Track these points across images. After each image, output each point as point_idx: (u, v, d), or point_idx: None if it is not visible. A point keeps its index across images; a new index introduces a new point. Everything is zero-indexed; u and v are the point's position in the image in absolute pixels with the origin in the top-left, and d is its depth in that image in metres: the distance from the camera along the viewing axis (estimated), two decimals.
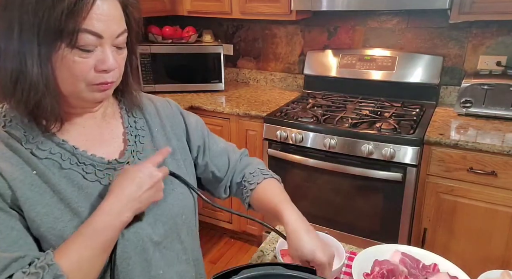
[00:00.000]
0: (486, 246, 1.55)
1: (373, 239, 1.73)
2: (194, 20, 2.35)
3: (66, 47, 0.55)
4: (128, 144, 0.70)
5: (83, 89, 0.59)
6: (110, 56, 0.58)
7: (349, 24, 2.15)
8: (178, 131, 0.79)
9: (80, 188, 0.62)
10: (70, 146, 0.63)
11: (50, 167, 0.60)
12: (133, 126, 0.73)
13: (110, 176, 0.65)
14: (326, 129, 1.69)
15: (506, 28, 1.79)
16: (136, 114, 0.74)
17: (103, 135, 0.68)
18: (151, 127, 0.75)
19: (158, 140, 0.75)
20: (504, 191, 1.46)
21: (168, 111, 0.79)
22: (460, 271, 0.75)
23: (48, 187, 0.59)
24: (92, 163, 0.64)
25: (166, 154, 0.69)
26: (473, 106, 1.71)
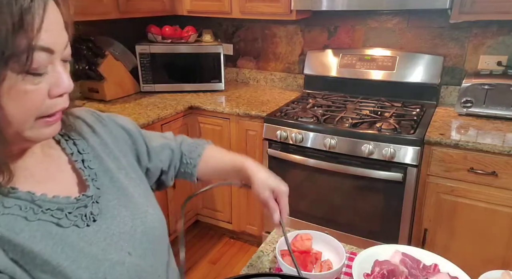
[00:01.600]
0: (486, 246, 1.54)
1: (373, 239, 1.73)
2: (194, 20, 2.34)
3: (16, 74, 0.42)
4: (84, 172, 0.59)
5: (29, 127, 0.46)
6: (64, 74, 0.47)
7: (349, 24, 2.15)
8: (122, 147, 0.68)
9: (59, 241, 0.50)
10: (24, 192, 0.49)
11: (14, 224, 0.47)
12: (74, 151, 0.60)
13: (84, 215, 0.55)
14: (326, 129, 1.69)
15: (506, 28, 1.79)
16: (72, 136, 0.61)
17: (50, 172, 0.55)
18: (95, 147, 0.63)
19: (106, 160, 0.63)
20: (504, 191, 1.46)
21: (101, 126, 0.67)
22: (461, 271, 0.75)
23: (23, 251, 0.46)
24: (59, 206, 0.52)
25: None
26: (474, 106, 1.70)
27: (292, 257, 0.68)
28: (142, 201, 0.65)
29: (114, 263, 0.55)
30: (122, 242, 0.58)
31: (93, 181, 0.59)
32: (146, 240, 0.61)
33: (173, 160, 0.81)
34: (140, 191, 0.66)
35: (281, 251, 0.83)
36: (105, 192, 0.60)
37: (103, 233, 0.56)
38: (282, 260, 0.79)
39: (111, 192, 0.61)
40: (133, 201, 0.63)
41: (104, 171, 0.62)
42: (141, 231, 0.61)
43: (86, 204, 0.56)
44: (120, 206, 0.61)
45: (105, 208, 0.58)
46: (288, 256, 0.82)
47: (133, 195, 0.64)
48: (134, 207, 0.62)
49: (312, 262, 0.82)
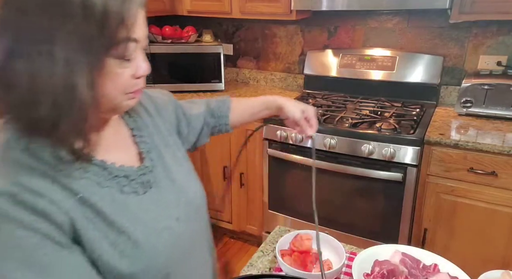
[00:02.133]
0: (486, 246, 1.55)
1: (373, 239, 1.73)
2: (194, 20, 2.34)
3: (113, 60, 0.52)
4: (139, 145, 0.68)
5: (121, 100, 0.57)
6: (144, 60, 0.57)
7: (349, 24, 2.15)
8: (169, 127, 0.77)
9: (122, 205, 0.58)
10: (98, 161, 0.58)
11: (89, 187, 0.55)
12: (135, 127, 0.69)
13: (143, 184, 0.63)
14: (326, 129, 1.69)
15: (506, 27, 1.79)
16: (132, 114, 0.71)
17: (118, 143, 0.65)
18: (148, 126, 0.72)
19: (157, 138, 0.72)
20: (504, 191, 1.46)
21: (153, 107, 0.76)
22: (461, 271, 0.75)
23: (94, 210, 0.55)
24: (125, 174, 0.61)
25: None
26: (474, 106, 1.70)
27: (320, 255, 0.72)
28: (185, 177, 0.73)
29: (163, 228, 0.62)
30: (171, 209, 0.65)
31: (148, 154, 0.67)
32: (189, 209, 0.69)
33: (206, 120, 0.91)
34: (184, 168, 0.74)
35: (281, 251, 0.83)
36: (156, 165, 0.68)
37: (155, 200, 0.64)
38: (282, 260, 0.79)
39: (160, 165, 0.68)
40: (178, 176, 0.70)
41: (155, 147, 0.70)
42: (185, 201, 0.69)
43: (145, 172, 0.64)
44: (167, 179, 0.68)
45: (157, 179, 0.66)
46: (288, 256, 0.83)
47: (177, 170, 0.71)
48: (178, 180, 0.70)
49: (312, 262, 0.82)
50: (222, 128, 0.95)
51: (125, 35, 0.52)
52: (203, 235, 0.74)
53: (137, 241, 0.57)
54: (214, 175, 2.16)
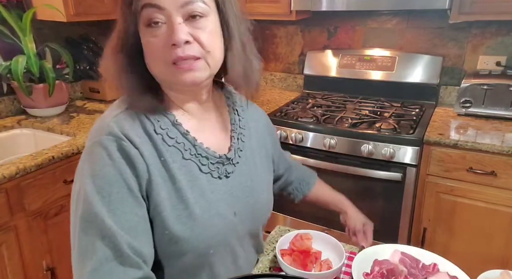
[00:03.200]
0: (485, 246, 1.55)
1: (373, 239, 1.73)
2: None
3: (143, 28, 0.58)
4: (233, 140, 0.73)
5: (166, 71, 0.60)
6: (177, 28, 0.56)
7: (349, 24, 2.16)
8: (268, 143, 0.84)
9: (194, 179, 0.65)
10: (192, 137, 0.66)
11: (174, 155, 0.63)
12: (237, 124, 0.75)
13: (219, 170, 0.69)
14: (326, 129, 1.70)
15: (505, 28, 1.80)
16: (239, 113, 0.77)
17: (215, 128, 0.72)
18: (251, 128, 0.79)
19: (254, 142, 0.78)
20: (504, 191, 1.46)
21: (265, 124, 0.85)
22: (460, 271, 0.75)
23: (171, 175, 0.62)
24: (207, 155, 0.67)
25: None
26: (473, 106, 1.71)
27: None
28: (264, 184, 0.79)
29: (219, 214, 0.67)
30: (236, 202, 0.70)
31: (238, 150, 0.73)
32: (252, 211, 0.74)
33: (285, 178, 1.01)
34: (265, 177, 0.80)
35: (281, 251, 0.84)
36: (243, 162, 0.73)
37: (226, 188, 0.69)
38: (282, 260, 0.79)
39: (247, 164, 0.74)
40: (257, 180, 0.76)
41: (250, 148, 0.76)
42: (253, 203, 0.73)
43: (223, 162, 0.69)
44: (248, 177, 0.73)
45: (238, 173, 0.72)
46: (288, 255, 0.83)
47: (260, 175, 0.77)
48: (257, 184, 0.75)
49: (312, 262, 0.82)
50: (292, 196, 1.05)
51: (145, 1, 0.56)
52: (254, 237, 0.79)
53: (192, 213, 0.63)
54: None
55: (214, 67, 0.63)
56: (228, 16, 0.63)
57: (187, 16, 0.58)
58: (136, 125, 0.62)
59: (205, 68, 0.61)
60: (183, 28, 0.57)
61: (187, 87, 0.63)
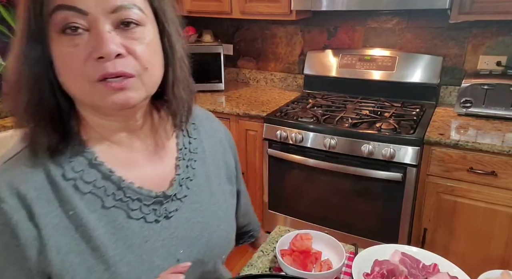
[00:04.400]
0: (486, 246, 1.55)
1: (373, 239, 1.73)
2: (194, 20, 2.34)
3: (56, 34, 0.45)
4: (178, 170, 0.60)
5: (89, 90, 0.47)
6: (106, 37, 0.45)
7: (349, 24, 2.15)
8: (228, 159, 0.71)
9: (120, 230, 0.52)
10: (117, 177, 0.53)
11: (91, 204, 0.51)
12: (187, 148, 0.63)
13: (156, 212, 0.56)
14: (326, 129, 1.69)
15: (506, 28, 1.79)
16: (191, 134, 0.65)
17: (152, 160, 0.58)
18: (205, 150, 0.66)
19: (210, 166, 0.66)
20: (504, 191, 1.46)
21: (222, 134, 0.72)
22: (460, 271, 0.75)
23: (84, 230, 0.50)
24: (139, 197, 0.54)
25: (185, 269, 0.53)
26: (473, 106, 1.71)
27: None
28: (221, 215, 0.65)
29: (155, 267, 0.54)
30: (180, 246, 0.58)
31: (187, 180, 0.61)
32: (204, 252, 0.62)
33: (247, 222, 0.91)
34: (224, 205, 0.67)
35: (281, 251, 0.83)
36: (194, 193, 0.62)
37: (167, 232, 0.57)
38: (282, 260, 0.79)
39: (199, 195, 0.62)
40: (214, 211, 0.64)
41: (204, 174, 0.64)
42: (205, 241, 0.62)
43: (162, 201, 0.57)
44: (199, 212, 0.62)
45: (185, 209, 0.60)
46: (288, 256, 0.83)
47: (216, 205, 0.65)
48: (212, 217, 0.63)
49: (312, 262, 0.82)
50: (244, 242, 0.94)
51: (53, 3, 0.44)
52: (209, 275, 0.66)
53: (116, 273, 0.50)
54: None
55: (152, 87, 0.52)
56: (169, 28, 0.53)
57: (118, 24, 0.46)
58: (35, 173, 0.48)
59: (140, 88, 0.49)
60: (114, 37, 0.45)
61: (118, 111, 0.50)
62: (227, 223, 0.67)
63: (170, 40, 0.53)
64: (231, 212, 0.70)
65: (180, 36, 0.56)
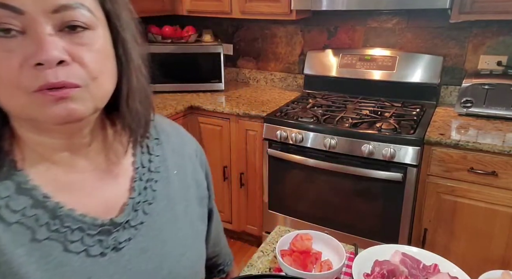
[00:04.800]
0: (486, 246, 1.54)
1: (373, 239, 1.73)
2: (193, 19, 2.34)
3: None
4: (133, 193, 0.52)
5: (24, 102, 0.39)
6: (47, 40, 0.38)
7: (349, 24, 2.15)
8: (199, 177, 0.62)
9: (55, 266, 0.43)
10: (54, 203, 0.44)
11: (19, 237, 0.42)
12: (146, 167, 0.55)
13: (103, 243, 0.47)
14: (326, 129, 1.69)
15: (506, 27, 1.79)
16: (152, 150, 0.56)
17: (101, 182, 0.50)
18: (169, 168, 0.57)
19: (174, 186, 0.57)
20: (504, 191, 1.46)
21: (192, 150, 0.63)
22: (461, 271, 0.75)
23: (9, 269, 0.41)
24: (81, 226, 0.46)
25: None
26: (474, 106, 1.70)
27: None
28: (187, 242, 0.57)
29: None
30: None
31: (145, 204, 0.52)
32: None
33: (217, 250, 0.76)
34: (191, 231, 0.58)
35: (281, 251, 0.83)
36: (153, 220, 0.53)
37: (117, 266, 0.48)
38: (282, 260, 0.79)
39: (160, 221, 0.53)
40: (177, 238, 0.55)
41: (165, 197, 0.55)
42: (165, 274, 0.52)
43: (110, 230, 0.48)
44: (159, 240, 0.53)
45: (141, 237, 0.51)
46: (288, 256, 0.82)
47: (181, 231, 0.56)
48: (174, 245, 0.54)
49: (312, 262, 0.82)
50: (226, 266, 0.79)
51: None
52: None
53: None
54: (214, 175, 2.15)
55: (101, 99, 0.45)
56: (124, 33, 0.46)
57: (62, 26, 0.40)
58: None
59: (86, 99, 0.42)
60: (55, 42, 0.39)
61: (60, 125, 0.43)
62: (194, 251, 0.58)
63: (124, 47, 0.47)
64: (200, 238, 0.61)
65: (137, 43, 0.49)
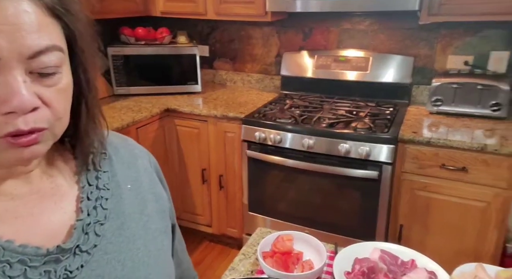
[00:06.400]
0: (459, 240, 1.60)
1: (352, 237, 1.75)
2: (167, 21, 2.31)
3: None
4: (81, 214, 0.47)
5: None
6: (21, 88, 0.36)
7: (323, 26, 2.18)
8: (158, 191, 0.58)
9: None
10: None
11: None
12: (94, 185, 0.50)
13: (51, 274, 0.42)
14: (304, 130, 1.71)
15: (472, 29, 1.87)
16: (99, 166, 0.52)
17: (45, 207, 0.46)
18: (121, 184, 0.53)
19: (128, 202, 0.52)
20: (474, 186, 1.52)
21: (145, 161, 0.59)
22: (437, 266, 0.77)
23: None
24: (22, 258, 0.41)
25: None
26: (444, 104, 1.77)
27: None
28: (149, 261, 0.52)
29: None
30: None
31: (96, 225, 0.48)
32: None
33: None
34: (153, 247, 0.53)
35: (263, 253, 0.83)
36: (108, 241, 0.48)
37: None
38: (263, 262, 0.79)
39: (116, 242, 0.49)
40: (137, 259, 0.50)
41: (118, 214, 0.51)
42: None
43: (58, 258, 0.43)
44: (117, 263, 0.48)
45: (95, 263, 0.46)
46: (269, 258, 0.82)
47: (140, 251, 0.51)
48: (135, 267, 0.49)
49: (293, 263, 0.82)
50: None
51: None
52: None
53: None
54: (192, 178, 2.13)
55: (61, 133, 0.44)
56: (87, 60, 0.44)
57: (34, 71, 0.38)
58: None
59: (50, 139, 0.42)
60: (29, 88, 0.37)
61: (6, 166, 0.42)
62: (160, 270, 0.53)
63: (86, 74, 0.45)
64: (165, 255, 0.56)
65: (95, 65, 0.47)
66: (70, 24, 0.41)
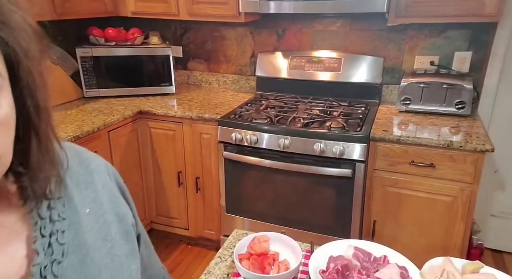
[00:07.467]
0: (429, 234, 1.67)
1: (328, 234, 1.79)
2: (139, 21, 2.26)
3: None
4: (36, 257, 0.40)
5: None
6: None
7: (296, 27, 2.21)
8: (120, 209, 0.52)
9: None
10: None
11: None
12: (46, 218, 0.42)
13: None
14: (280, 130, 1.72)
15: (437, 30, 1.95)
16: (50, 193, 0.43)
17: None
18: (78, 209, 0.46)
19: (88, 230, 0.46)
20: (441, 181, 1.59)
21: (103, 174, 0.52)
22: (408, 261, 0.80)
23: None
24: None
25: None
26: (412, 103, 1.84)
27: None
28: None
29: None
30: None
31: (53, 265, 0.41)
32: None
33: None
34: (121, 276, 0.49)
35: (239, 255, 0.83)
36: (69, 277, 0.42)
37: None
38: (240, 265, 0.79)
39: (78, 275, 0.43)
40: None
41: (78, 246, 0.44)
42: None
43: None
44: None
45: None
46: (246, 260, 0.82)
47: (109, 275, 0.46)
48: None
49: (270, 264, 0.83)
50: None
51: None
52: None
53: None
54: (168, 181, 2.10)
55: (3, 172, 0.36)
56: (33, 79, 0.36)
57: None
58: None
59: None
60: None
61: None
62: None
63: (34, 98, 0.37)
64: (136, 276, 0.52)
65: (46, 85, 0.39)
66: (9, 40, 0.33)
